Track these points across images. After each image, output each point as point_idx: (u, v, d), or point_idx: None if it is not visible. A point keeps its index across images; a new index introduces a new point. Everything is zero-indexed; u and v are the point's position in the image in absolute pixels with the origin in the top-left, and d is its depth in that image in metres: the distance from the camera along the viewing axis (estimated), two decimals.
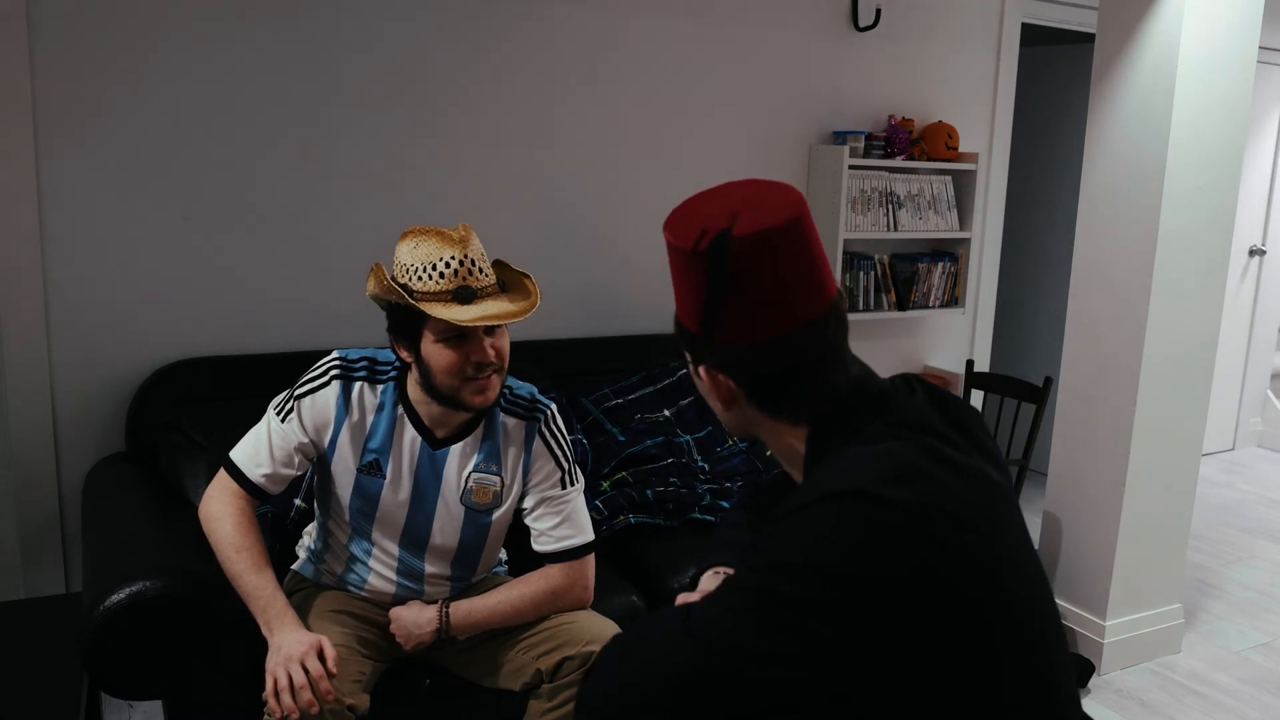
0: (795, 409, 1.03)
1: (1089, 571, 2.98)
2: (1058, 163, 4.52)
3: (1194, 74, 2.68)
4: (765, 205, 1.00)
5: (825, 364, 1.02)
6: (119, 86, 2.50)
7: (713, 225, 0.99)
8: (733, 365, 1.02)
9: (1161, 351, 2.82)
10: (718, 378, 1.04)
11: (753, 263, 0.97)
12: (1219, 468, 5.09)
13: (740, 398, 1.05)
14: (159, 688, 1.84)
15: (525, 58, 3.01)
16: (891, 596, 0.88)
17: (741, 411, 1.06)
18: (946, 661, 0.90)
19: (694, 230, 1.00)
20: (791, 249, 0.98)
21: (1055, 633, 1.00)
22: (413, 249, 1.73)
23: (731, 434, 1.12)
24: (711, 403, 1.10)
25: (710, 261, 0.98)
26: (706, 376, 1.05)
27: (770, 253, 0.97)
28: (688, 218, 1.02)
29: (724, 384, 1.04)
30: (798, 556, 0.90)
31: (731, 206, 1.00)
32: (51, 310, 2.49)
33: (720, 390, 1.05)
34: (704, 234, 0.99)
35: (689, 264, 1.00)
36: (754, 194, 1.02)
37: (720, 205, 1.01)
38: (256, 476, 1.81)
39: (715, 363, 1.03)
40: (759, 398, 1.04)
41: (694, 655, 0.94)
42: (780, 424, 1.05)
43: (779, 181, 1.05)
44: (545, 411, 1.93)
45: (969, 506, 0.93)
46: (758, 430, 1.08)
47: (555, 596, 1.89)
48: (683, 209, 1.04)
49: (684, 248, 1.00)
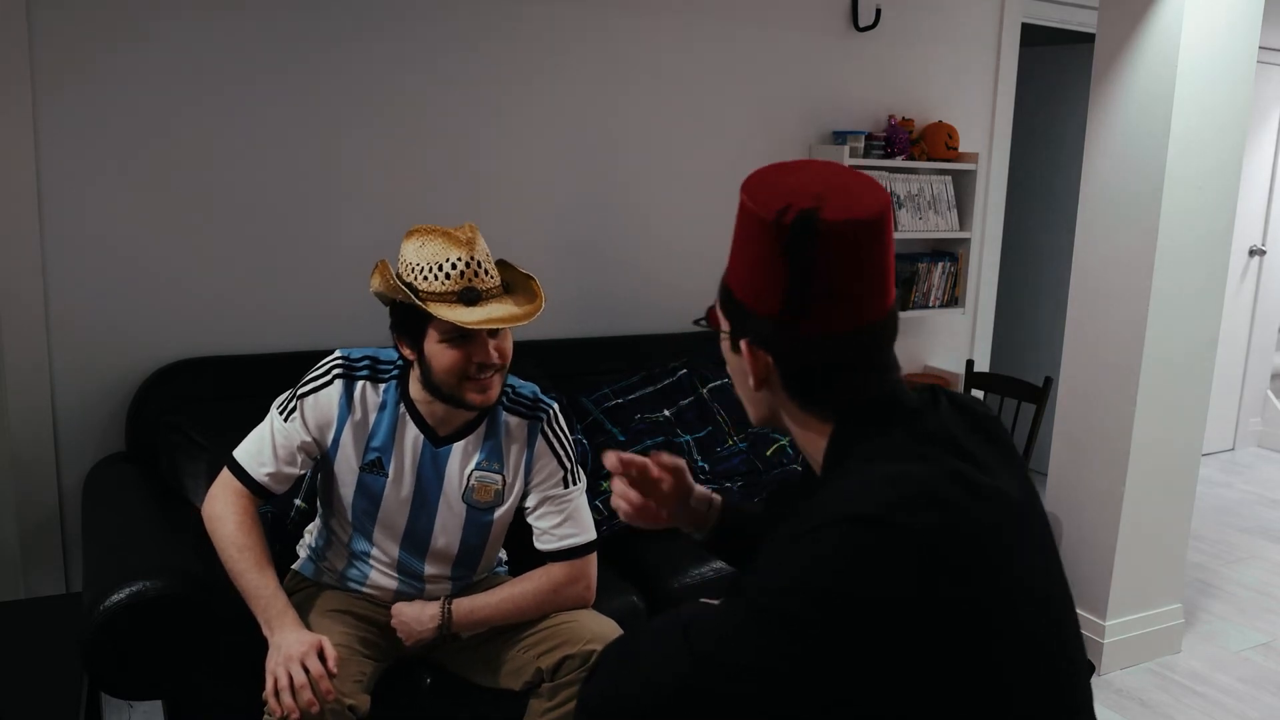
0: (827, 404, 1.00)
1: (1089, 571, 2.98)
2: (1058, 163, 4.52)
3: (1194, 74, 2.68)
4: (853, 194, 0.96)
5: (871, 367, 0.99)
6: (120, 87, 2.49)
7: (798, 201, 0.95)
8: (779, 346, 0.99)
9: (1161, 352, 2.82)
10: (758, 354, 1.00)
11: (836, 250, 0.94)
12: (1219, 468, 5.09)
13: (775, 380, 1.01)
14: (159, 688, 1.84)
15: (527, 58, 3.01)
16: (892, 622, 0.86)
17: (771, 395, 1.03)
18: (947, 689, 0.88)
19: (777, 201, 0.96)
20: (873, 246, 0.96)
21: (1073, 646, 0.99)
22: (419, 248, 1.73)
23: (752, 417, 1.09)
24: (739, 380, 1.06)
25: (793, 238, 0.94)
26: (747, 351, 1.01)
27: (854, 246, 0.95)
28: (772, 186, 0.98)
29: (763, 361, 1.00)
30: (803, 578, 0.89)
31: (816, 186, 0.97)
32: (52, 310, 2.49)
33: (758, 368, 1.01)
34: (789, 208, 0.95)
35: (764, 235, 0.96)
36: (840, 180, 0.99)
37: (807, 182, 0.98)
38: (260, 475, 1.81)
39: (760, 339, 1.00)
40: (795, 385, 1.00)
41: (691, 669, 0.94)
42: (809, 415, 1.01)
43: (864, 173, 1.02)
44: (548, 411, 1.93)
45: (982, 529, 0.91)
46: (781, 416, 1.05)
47: (557, 594, 1.89)
48: (766, 176, 1.01)
49: (764, 217, 0.96)
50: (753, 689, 0.90)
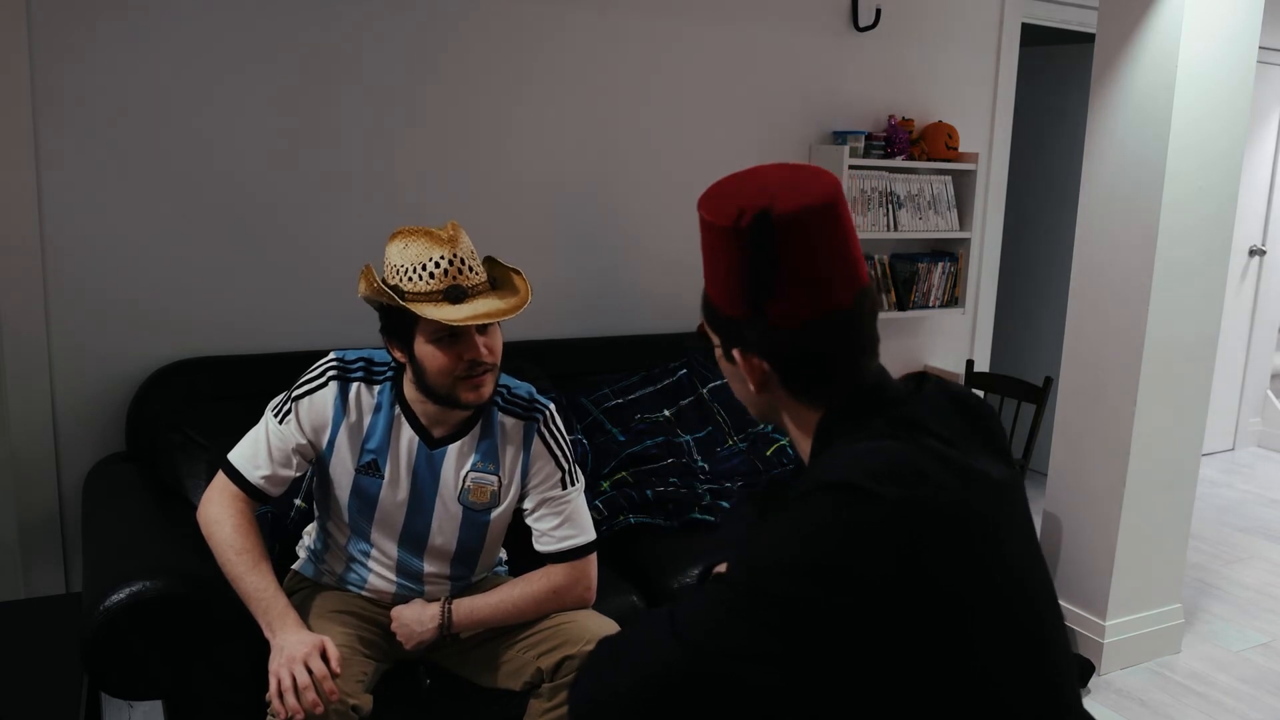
0: (818, 393, 1.03)
1: (1089, 571, 2.99)
2: (1058, 163, 4.52)
3: (1194, 74, 2.68)
4: (802, 186, 1.00)
5: (856, 349, 1.02)
6: (120, 88, 2.50)
7: (751, 204, 0.98)
8: (767, 347, 1.02)
9: (1161, 352, 2.82)
10: (752, 360, 1.03)
11: (794, 242, 0.97)
12: (1219, 468, 5.09)
13: (773, 381, 1.04)
14: (159, 688, 1.83)
15: (527, 58, 3.01)
16: (874, 593, 0.87)
17: (771, 395, 1.06)
18: (931, 661, 0.89)
19: (732, 209, 1.00)
20: (830, 230, 0.99)
21: (1055, 635, 0.99)
22: (402, 249, 1.73)
23: (758, 418, 1.12)
24: (738, 387, 1.09)
25: (752, 240, 0.98)
26: (741, 359, 1.04)
27: (810, 232, 0.98)
28: (725, 196, 1.02)
29: (758, 367, 1.03)
30: (782, 553, 0.90)
31: (769, 187, 1.00)
32: (51, 310, 2.49)
33: (754, 373, 1.04)
34: (743, 212, 0.98)
35: (727, 243, 1.00)
36: (790, 175, 1.02)
37: (757, 185, 1.01)
38: (255, 478, 1.81)
39: (750, 345, 1.03)
40: (790, 381, 1.04)
41: (680, 654, 0.94)
42: (803, 406, 1.05)
43: (813, 165, 1.05)
44: (544, 412, 1.93)
45: (961, 506, 0.93)
46: (782, 413, 1.08)
47: (557, 595, 1.89)
48: (719, 188, 1.04)
49: (723, 226, 1.00)
50: (741, 669, 0.90)
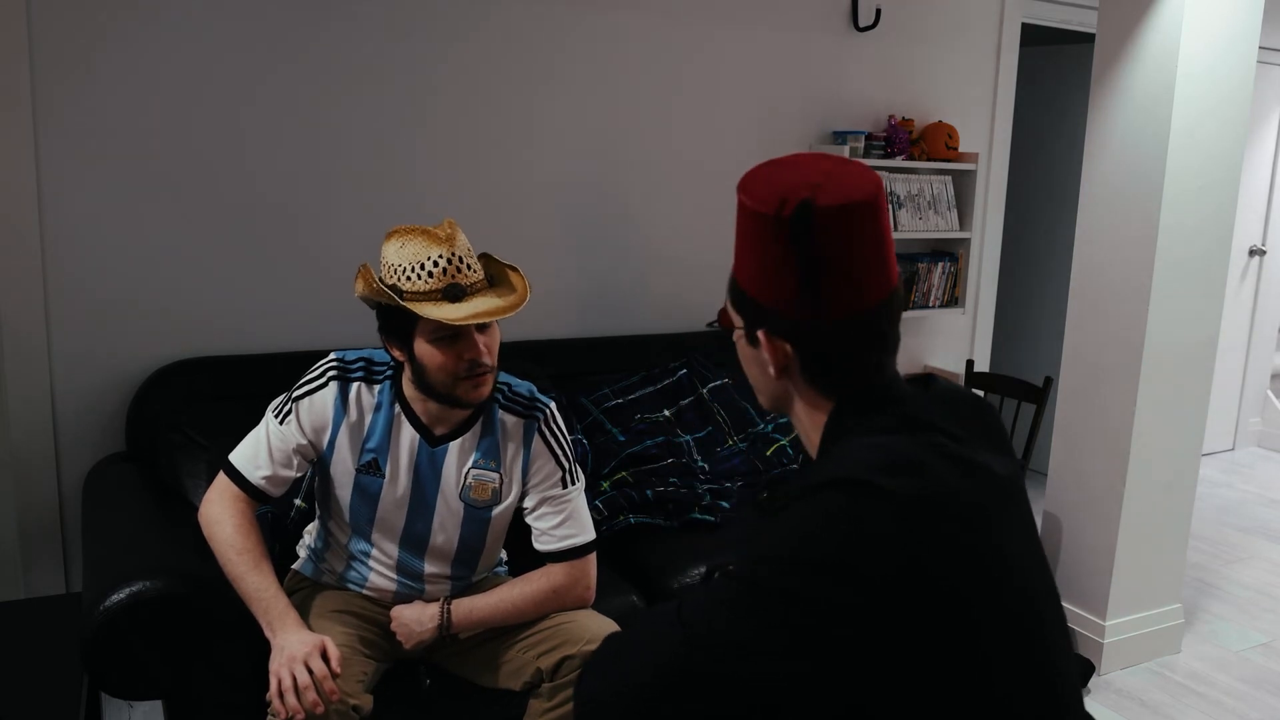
0: (836, 385, 1.03)
1: (1089, 571, 2.98)
2: (1058, 163, 4.52)
3: (1194, 74, 2.68)
4: (846, 180, 1.00)
5: (880, 347, 1.03)
6: (120, 87, 2.50)
7: (795, 194, 0.98)
8: (796, 333, 1.02)
9: (1161, 351, 2.82)
10: (777, 343, 1.03)
11: (834, 236, 0.97)
12: (1219, 468, 5.09)
13: (794, 367, 1.04)
14: (159, 688, 1.83)
15: (528, 59, 3.01)
16: (879, 587, 0.87)
17: (789, 381, 1.06)
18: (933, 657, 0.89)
19: (774, 197, 0.99)
20: (870, 227, 0.99)
21: (1056, 633, 1.00)
22: (399, 249, 1.73)
23: (768, 406, 1.12)
24: (755, 372, 1.09)
25: (792, 230, 0.98)
26: (766, 341, 1.04)
27: (850, 228, 0.98)
28: (767, 182, 1.01)
29: (782, 350, 1.03)
30: (788, 548, 0.90)
31: (812, 178, 1.00)
32: (51, 310, 2.49)
33: (777, 356, 1.04)
34: (785, 201, 0.98)
35: (766, 230, 1.00)
36: (834, 168, 1.02)
37: (801, 175, 1.01)
38: (256, 479, 1.81)
39: (777, 329, 1.03)
40: (813, 368, 1.03)
41: (687, 649, 0.94)
42: (819, 395, 1.05)
43: (856, 160, 1.05)
44: (544, 410, 1.93)
45: (965, 502, 0.93)
46: (795, 401, 1.08)
47: (557, 595, 1.89)
48: (761, 174, 1.03)
49: (764, 213, 0.99)
50: (747, 663, 0.90)
